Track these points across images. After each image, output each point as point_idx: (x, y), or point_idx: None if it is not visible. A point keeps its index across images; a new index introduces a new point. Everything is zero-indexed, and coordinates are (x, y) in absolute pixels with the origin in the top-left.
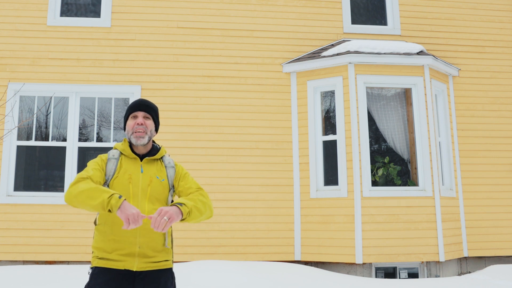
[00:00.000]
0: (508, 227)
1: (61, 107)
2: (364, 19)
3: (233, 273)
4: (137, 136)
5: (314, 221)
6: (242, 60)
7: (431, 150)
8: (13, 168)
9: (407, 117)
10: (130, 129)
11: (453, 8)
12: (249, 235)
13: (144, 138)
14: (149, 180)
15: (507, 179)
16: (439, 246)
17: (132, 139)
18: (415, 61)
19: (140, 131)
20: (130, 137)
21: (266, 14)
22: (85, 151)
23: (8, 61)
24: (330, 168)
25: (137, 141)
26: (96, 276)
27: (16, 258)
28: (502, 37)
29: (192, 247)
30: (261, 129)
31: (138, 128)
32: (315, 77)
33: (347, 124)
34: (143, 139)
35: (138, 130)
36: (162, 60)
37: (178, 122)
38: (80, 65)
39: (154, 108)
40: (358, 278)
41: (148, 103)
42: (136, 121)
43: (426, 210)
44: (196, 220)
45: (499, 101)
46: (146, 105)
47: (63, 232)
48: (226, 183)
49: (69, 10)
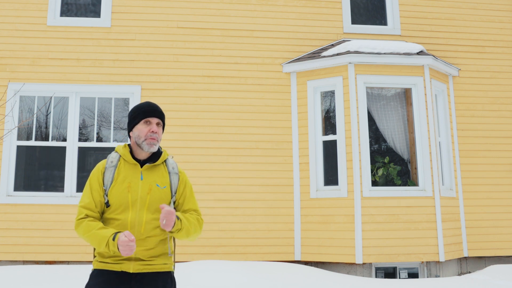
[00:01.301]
0: (508, 227)
1: (61, 107)
2: (364, 19)
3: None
4: (150, 143)
5: (314, 221)
6: (242, 60)
7: (431, 150)
8: (13, 168)
9: (407, 117)
10: (143, 135)
11: (453, 8)
12: (249, 235)
13: (156, 146)
14: (148, 188)
15: (507, 179)
16: (439, 246)
17: (145, 145)
18: (415, 61)
19: (154, 138)
20: (142, 143)
21: (266, 14)
22: (85, 151)
23: (8, 61)
24: (330, 168)
25: (150, 148)
26: (94, 277)
27: (16, 258)
28: (502, 37)
29: (192, 247)
30: (261, 129)
31: (153, 135)
32: (315, 77)
33: (347, 124)
34: (155, 146)
35: (152, 138)
36: (162, 60)
37: (178, 122)
38: (80, 65)
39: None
40: (358, 278)
41: (159, 108)
42: (151, 128)
43: (426, 210)
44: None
45: (499, 101)
46: (160, 111)
47: (63, 232)
48: (226, 183)
49: (69, 10)
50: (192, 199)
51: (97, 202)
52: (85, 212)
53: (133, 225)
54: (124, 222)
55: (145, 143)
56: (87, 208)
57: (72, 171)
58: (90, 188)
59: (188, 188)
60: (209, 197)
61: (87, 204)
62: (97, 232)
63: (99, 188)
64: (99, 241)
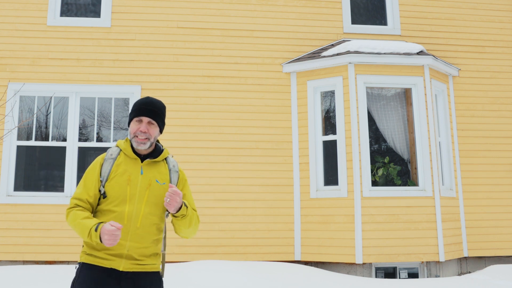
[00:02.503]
0: (508, 227)
1: (61, 107)
2: (364, 19)
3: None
4: (137, 141)
5: (314, 221)
6: (242, 60)
7: (431, 150)
8: (13, 168)
9: (407, 117)
10: (133, 133)
11: (453, 8)
12: (249, 235)
13: (145, 145)
14: (148, 183)
15: (507, 179)
16: (439, 246)
17: (133, 142)
18: (415, 61)
19: (140, 138)
20: (132, 140)
21: (266, 14)
22: (85, 151)
23: (8, 61)
24: (330, 168)
25: (138, 146)
26: (82, 272)
27: (16, 258)
28: (502, 37)
29: (192, 247)
30: (261, 129)
31: (141, 135)
32: (315, 77)
33: (347, 124)
34: (145, 145)
35: (138, 136)
36: (162, 60)
37: (178, 122)
38: (80, 65)
39: (160, 112)
40: (358, 278)
41: (155, 106)
42: (139, 128)
43: (426, 210)
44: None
45: (499, 101)
46: (152, 110)
47: (63, 232)
48: (226, 183)
49: (69, 10)
50: (190, 198)
51: (91, 194)
52: (75, 202)
53: (130, 218)
54: (121, 215)
55: (134, 141)
56: (77, 199)
57: (72, 171)
58: (85, 180)
59: (186, 187)
60: (209, 197)
61: (78, 194)
62: (81, 222)
63: (95, 180)
64: (83, 230)
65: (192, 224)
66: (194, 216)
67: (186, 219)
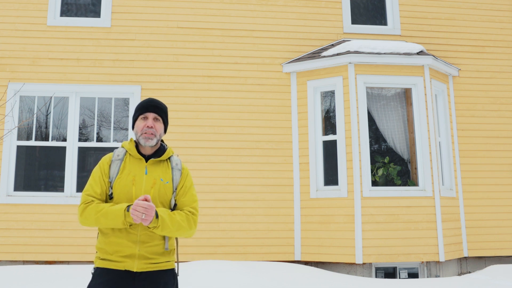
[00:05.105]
0: (508, 227)
1: (61, 107)
2: (364, 19)
3: (233, 273)
4: (145, 137)
5: (314, 221)
6: (242, 60)
7: (431, 150)
8: (13, 168)
9: (407, 117)
10: (139, 130)
11: (453, 8)
12: (249, 235)
13: (152, 140)
14: (152, 182)
15: (507, 179)
16: (439, 246)
17: (141, 140)
18: (415, 61)
19: (147, 133)
20: (139, 138)
21: (266, 14)
22: (85, 151)
23: (8, 61)
24: (330, 168)
25: (146, 142)
26: (97, 276)
27: (16, 258)
28: (502, 37)
29: (192, 247)
30: (261, 129)
31: (148, 130)
32: (315, 77)
33: (347, 124)
34: (152, 140)
35: (146, 132)
36: (162, 60)
37: (178, 122)
38: (80, 65)
39: (164, 109)
40: (358, 278)
41: (158, 103)
42: (146, 123)
43: (426, 210)
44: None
45: (499, 101)
46: (157, 106)
47: (63, 232)
48: (226, 183)
49: (69, 10)
50: (189, 193)
51: (102, 192)
52: (91, 198)
53: None
54: None
55: (141, 138)
56: (91, 195)
57: (72, 171)
58: (94, 179)
59: (188, 181)
60: (209, 197)
61: (91, 190)
62: (110, 209)
63: (105, 179)
64: (115, 215)
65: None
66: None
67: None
